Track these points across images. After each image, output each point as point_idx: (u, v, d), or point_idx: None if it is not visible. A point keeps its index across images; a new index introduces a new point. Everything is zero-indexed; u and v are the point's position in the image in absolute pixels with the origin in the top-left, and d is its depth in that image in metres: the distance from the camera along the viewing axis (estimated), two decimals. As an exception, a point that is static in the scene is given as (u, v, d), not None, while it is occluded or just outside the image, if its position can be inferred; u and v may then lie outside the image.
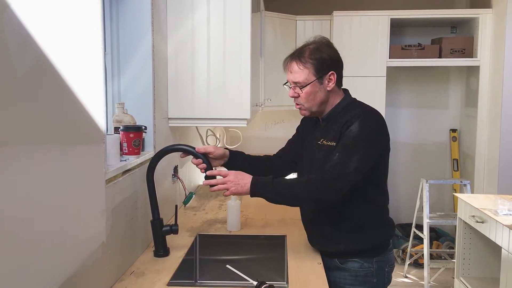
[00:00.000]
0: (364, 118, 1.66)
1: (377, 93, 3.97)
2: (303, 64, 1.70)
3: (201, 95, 2.23)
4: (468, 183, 3.69)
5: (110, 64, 1.97)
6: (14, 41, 0.93)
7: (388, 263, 1.78)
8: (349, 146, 1.63)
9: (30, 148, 0.99)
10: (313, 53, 1.71)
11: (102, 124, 1.40)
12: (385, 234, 1.79)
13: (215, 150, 1.80)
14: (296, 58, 1.72)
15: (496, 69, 3.77)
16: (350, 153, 1.61)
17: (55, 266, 1.13)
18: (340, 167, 1.61)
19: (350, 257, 1.74)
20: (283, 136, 2.01)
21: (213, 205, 2.65)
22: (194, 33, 2.21)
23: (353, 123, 1.65)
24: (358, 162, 1.61)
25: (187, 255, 1.85)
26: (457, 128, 4.49)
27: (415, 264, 4.08)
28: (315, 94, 1.72)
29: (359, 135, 1.63)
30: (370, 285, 1.74)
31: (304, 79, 1.70)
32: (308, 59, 1.70)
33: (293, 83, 1.73)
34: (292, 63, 1.73)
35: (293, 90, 1.73)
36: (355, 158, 1.61)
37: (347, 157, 1.61)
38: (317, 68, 1.70)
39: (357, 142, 1.62)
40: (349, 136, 1.64)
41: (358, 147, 1.62)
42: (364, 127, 1.64)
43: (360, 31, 3.96)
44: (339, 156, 1.62)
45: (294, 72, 1.72)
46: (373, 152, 1.67)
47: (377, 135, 1.69)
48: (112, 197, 1.50)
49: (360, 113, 1.68)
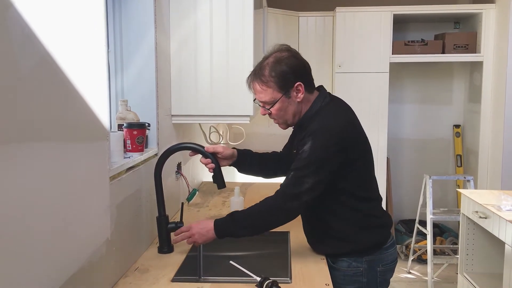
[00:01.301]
0: (315, 137, 1.59)
1: (380, 89, 3.97)
2: (265, 84, 1.63)
3: (204, 92, 2.24)
4: (472, 178, 3.68)
5: (114, 62, 1.98)
6: (18, 39, 0.94)
7: (381, 262, 1.72)
8: (300, 168, 1.59)
9: (34, 146, 1.00)
10: (273, 68, 1.62)
11: (106, 121, 1.40)
12: (371, 238, 1.71)
13: (224, 150, 1.80)
14: (257, 78, 1.65)
15: (500, 65, 3.76)
16: (302, 175, 1.58)
17: (60, 263, 1.14)
18: (292, 188, 1.59)
19: (340, 257, 1.72)
20: (285, 133, 2.01)
21: (217, 202, 2.65)
22: (196, 30, 2.21)
23: (307, 141, 1.60)
24: (311, 183, 1.57)
25: (191, 252, 1.85)
26: (460, 124, 4.48)
27: (418, 260, 4.08)
28: (285, 109, 1.66)
29: (310, 156, 1.57)
30: (359, 284, 1.70)
31: (270, 98, 1.64)
32: (269, 77, 1.62)
33: (261, 102, 1.68)
34: (254, 84, 1.67)
35: (262, 109, 1.70)
36: (308, 179, 1.57)
37: (298, 179, 1.58)
38: (280, 85, 1.62)
39: (308, 163, 1.58)
40: (301, 157, 1.60)
41: (309, 168, 1.57)
42: (317, 146, 1.58)
43: (363, 27, 3.95)
44: (292, 177, 1.60)
45: (258, 92, 1.67)
46: (328, 169, 1.60)
47: (330, 152, 1.59)
48: (116, 194, 1.51)
49: (314, 130, 1.61)
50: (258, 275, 1.49)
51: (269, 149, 2.03)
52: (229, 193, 2.82)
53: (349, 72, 3.98)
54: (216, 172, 1.77)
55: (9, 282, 0.92)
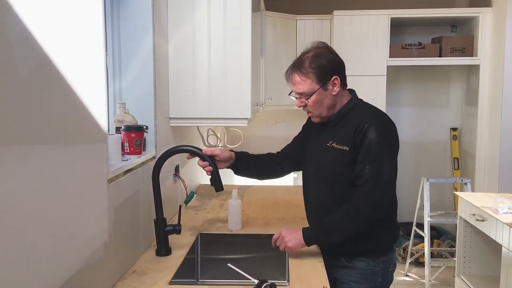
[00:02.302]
0: (378, 123, 1.67)
1: (378, 92, 3.98)
2: (304, 75, 1.70)
3: (202, 95, 2.24)
4: (469, 181, 3.70)
5: (112, 64, 1.98)
6: (17, 42, 0.94)
7: (391, 263, 1.81)
8: (376, 156, 1.63)
9: (32, 148, 1.00)
10: (313, 61, 1.70)
11: (104, 124, 1.41)
12: (391, 237, 1.81)
13: (221, 153, 1.81)
14: (297, 69, 1.72)
15: (497, 68, 3.78)
16: (380, 163, 1.63)
17: (57, 265, 1.14)
18: (375, 179, 1.62)
19: (357, 256, 1.75)
20: (284, 136, 2.03)
21: (214, 204, 2.65)
22: (195, 33, 2.22)
23: (368, 130, 1.64)
24: (390, 170, 1.64)
25: (189, 254, 1.85)
26: (457, 127, 4.50)
27: (416, 263, 4.09)
28: (321, 101, 1.73)
29: (381, 141, 1.63)
30: (375, 283, 1.76)
31: (308, 89, 1.70)
32: (309, 68, 1.70)
33: (298, 94, 1.73)
34: (294, 75, 1.73)
35: (299, 101, 1.74)
36: (386, 166, 1.63)
37: (378, 168, 1.62)
38: (319, 76, 1.70)
39: (382, 149, 1.63)
40: (371, 145, 1.63)
41: (384, 154, 1.63)
42: (382, 132, 1.65)
43: (361, 30, 3.97)
44: (370, 168, 1.63)
45: (297, 83, 1.72)
46: (396, 154, 1.70)
47: (394, 136, 1.72)
48: (114, 197, 1.51)
49: (371, 118, 1.68)
50: (256, 278, 1.50)
51: (267, 151, 2.04)
52: (226, 196, 2.82)
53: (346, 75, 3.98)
54: (214, 175, 1.78)
55: (7, 285, 0.92)
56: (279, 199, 2.71)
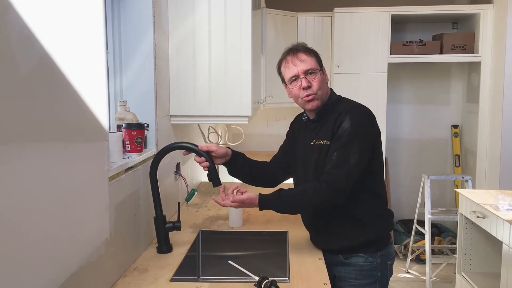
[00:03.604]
0: (353, 112, 1.69)
1: (379, 89, 3.98)
2: (309, 53, 1.75)
3: (202, 93, 2.24)
4: (470, 178, 3.70)
5: (112, 62, 1.99)
6: (17, 40, 0.94)
7: (389, 256, 1.81)
8: (345, 144, 1.64)
9: (33, 146, 1.01)
10: (308, 48, 1.77)
11: (105, 122, 1.41)
12: (387, 224, 1.82)
13: (217, 149, 1.82)
14: (301, 48, 1.76)
15: (497, 65, 3.77)
16: (347, 151, 1.63)
17: (59, 262, 1.14)
18: (341, 166, 1.63)
19: (354, 253, 1.76)
20: (284, 133, 2.02)
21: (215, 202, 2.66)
22: (195, 30, 2.22)
23: (343, 120, 1.67)
24: (357, 158, 1.63)
25: (190, 251, 1.86)
26: (458, 124, 4.50)
27: (417, 260, 4.09)
28: (324, 82, 1.77)
29: (352, 130, 1.64)
30: (375, 278, 1.76)
31: (315, 66, 1.74)
32: (311, 49, 1.77)
33: (303, 72, 1.72)
34: (298, 54, 1.74)
35: (305, 80, 1.72)
36: (353, 154, 1.63)
37: (345, 155, 1.63)
38: (317, 59, 1.76)
39: (352, 138, 1.64)
40: (342, 134, 1.65)
41: (353, 143, 1.64)
42: (356, 122, 1.66)
43: (361, 28, 3.96)
44: (337, 155, 1.64)
45: (303, 60, 1.73)
46: (368, 144, 1.69)
47: (368, 127, 1.71)
48: (115, 194, 1.52)
49: (349, 108, 1.71)
50: (257, 275, 1.50)
51: (268, 149, 2.05)
52: (227, 193, 2.83)
53: (347, 72, 3.99)
54: (211, 170, 1.78)
55: (8, 282, 0.93)
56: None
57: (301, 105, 1.80)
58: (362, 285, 1.76)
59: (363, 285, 1.76)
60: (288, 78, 1.76)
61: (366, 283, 1.76)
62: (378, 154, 1.76)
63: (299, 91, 1.74)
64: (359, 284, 1.76)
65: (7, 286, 0.92)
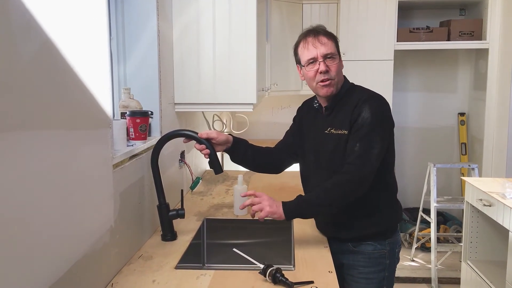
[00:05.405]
0: (372, 101, 1.67)
1: (385, 77, 3.94)
2: (330, 38, 1.72)
3: (207, 80, 2.23)
4: (476, 167, 3.67)
5: (116, 49, 1.97)
6: (19, 25, 0.93)
7: (397, 243, 1.82)
8: (366, 134, 1.63)
9: (37, 133, 1.00)
10: (329, 32, 1.74)
11: (109, 109, 1.40)
12: (396, 215, 1.82)
13: (218, 136, 1.79)
14: (322, 31, 1.73)
15: (505, 52, 3.72)
16: (370, 141, 1.62)
17: (64, 250, 1.14)
18: (364, 156, 1.62)
19: (364, 241, 1.76)
20: (289, 121, 2.01)
21: (220, 190, 2.66)
22: (199, 17, 2.20)
23: (362, 109, 1.65)
24: (379, 148, 1.63)
25: (195, 239, 1.86)
26: (465, 112, 4.46)
27: (422, 248, 4.09)
28: (341, 69, 1.74)
29: (374, 120, 1.63)
30: (383, 266, 1.77)
31: (334, 50, 1.71)
32: (331, 34, 1.74)
33: (323, 56, 1.68)
34: (319, 36, 1.70)
35: (324, 64, 1.68)
36: (376, 144, 1.62)
37: (368, 146, 1.62)
38: (336, 45, 1.73)
39: (373, 128, 1.63)
40: (364, 124, 1.63)
41: (375, 133, 1.63)
42: (375, 111, 1.65)
43: (367, 14, 3.92)
44: (360, 146, 1.62)
45: (324, 44, 1.69)
46: (387, 135, 1.69)
47: (387, 118, 1.70)
48: (119, 182, 1.51)
49: (366, 97, 1.69)
50: (262, 263, 1.50)
51: (273, 137, 2.03)
52: (232, 182, 2.83)
53: (353, 60, 3.95)
54: (212, 158, 1.77)
55: (14, 269, 0.93)
56: (285, 185, 2.70)
57: (314, 90, 1.76)
58: (371, 273, 1.76)
59: (372, 272, 1.76)
60: (306, 60, 1.71)
61: (375, 271, 1.76)
62: (391, 144, 1.75)
63: (315, 75, 1.69)
64: (368, 271, 1.76)
65: (12, 273, 0.92)
